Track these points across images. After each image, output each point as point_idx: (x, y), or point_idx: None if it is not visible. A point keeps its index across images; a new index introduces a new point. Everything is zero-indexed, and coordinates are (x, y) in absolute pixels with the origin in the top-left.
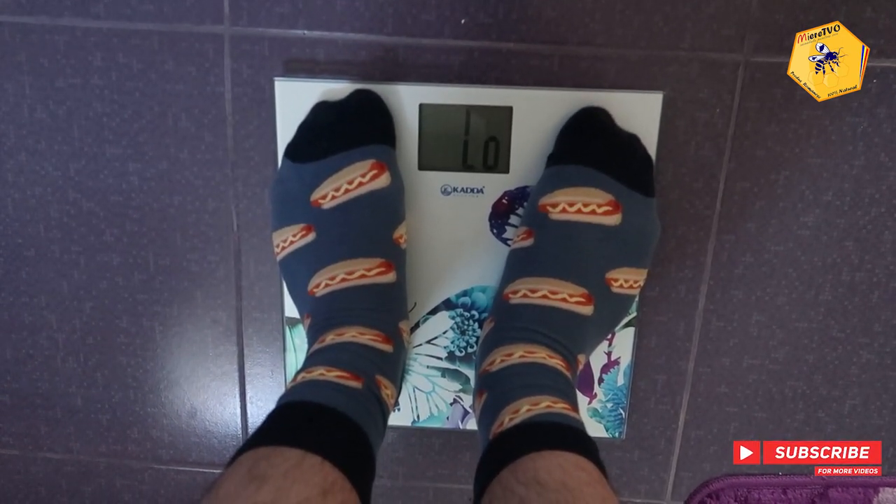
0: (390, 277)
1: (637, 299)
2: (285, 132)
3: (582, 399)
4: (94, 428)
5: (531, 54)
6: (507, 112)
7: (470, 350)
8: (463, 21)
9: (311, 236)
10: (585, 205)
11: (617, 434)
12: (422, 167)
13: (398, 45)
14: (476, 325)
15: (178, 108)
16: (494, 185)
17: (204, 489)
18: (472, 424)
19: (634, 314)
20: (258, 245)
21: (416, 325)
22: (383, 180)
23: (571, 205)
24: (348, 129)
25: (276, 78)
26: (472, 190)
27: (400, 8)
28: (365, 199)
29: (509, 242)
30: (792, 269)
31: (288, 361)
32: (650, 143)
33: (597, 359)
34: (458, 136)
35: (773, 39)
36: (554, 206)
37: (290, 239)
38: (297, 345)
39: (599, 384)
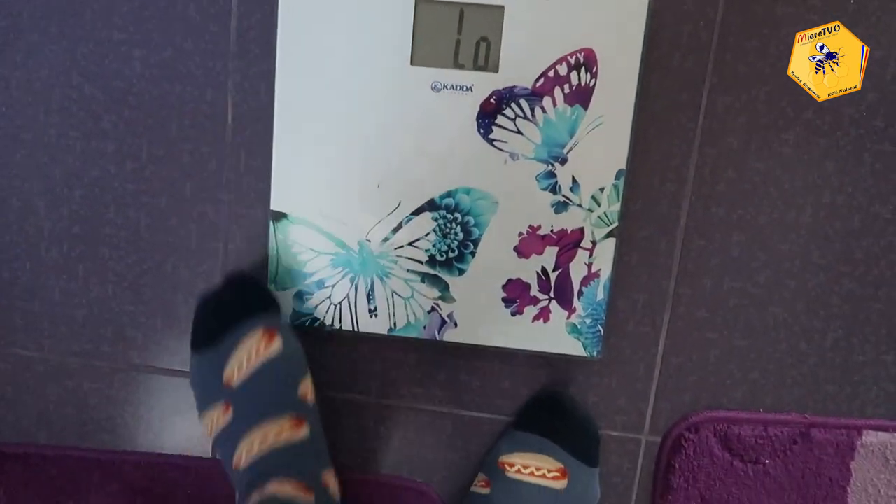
0: (303, 432)
1: (619, 210)
2: (286, 24)
3: (561, 313)
4: (68, 324)
5: None
6: (499, 12)
7: (451, 255)
8: None
9: (230, 413)
10: (538, 469)
11: (595, 353)
12: (414, 63)
13: None
14: (458, 227)
15: None
16: (484, 84)
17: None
18: (449, 336)
19: (616, 224)
20: (251, 138)
21: (399, 226)
22: (276, 346)
23: (526, 467)
24: (230, 309)
25: None
26: (462, 88)
27: None
28: (266, 367)
29: (496, 143)
30: (773, 188)
31: (270, 260)
32: (635, 49)
33: (577, 270)
34: (450, 35)
35: None
36: (511, 465)
37: (215, 420)
38: (280, 240)
39: (579, 297)
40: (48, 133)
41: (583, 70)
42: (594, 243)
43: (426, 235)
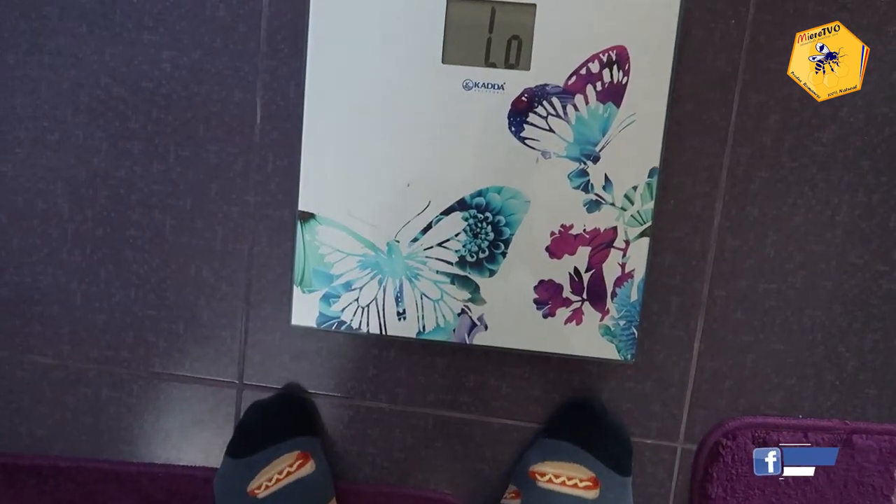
0: None
1: (652, 209)
2: (317, 23)
3: (594, 315)
4: (88, 330)
5: None
6: (531, 10)
7: (482, 255)
8: None
9: None
10: (569, 478)
11: (629, 356)
12: (445, 61)
13: None
14: (489, 227)
15: None
16: (515, 82)
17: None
18: (479, 339)
19: (649, 223)
20: (278, 139)
21: (429, 226)
22: (308, 468)
23: (557, 476)
24: (275, 426)
25: None
26: (493, 86)
27: None
28: (294, 486)
29: (527, 141)
30: (807, 187)
31: (297, 261)
32: (667, 47)
33: (610, 271)
34: (482, 33)
35: None
36: (542, 474)
37: None
38: (308, 241)
39: (612, 298)
40: (75, 134)
41: (615, 68)
42: (627, 242)
43: (456, 236)
